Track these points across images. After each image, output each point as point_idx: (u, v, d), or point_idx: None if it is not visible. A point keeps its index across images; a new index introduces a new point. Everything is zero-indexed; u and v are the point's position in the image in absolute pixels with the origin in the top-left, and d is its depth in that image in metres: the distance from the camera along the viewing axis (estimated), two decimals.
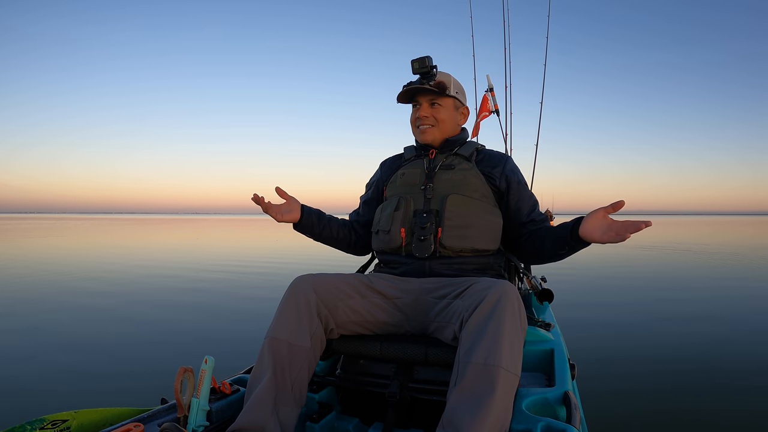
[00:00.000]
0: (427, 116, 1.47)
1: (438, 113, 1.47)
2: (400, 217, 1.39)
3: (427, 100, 1.48)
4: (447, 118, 1.49)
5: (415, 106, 1.51)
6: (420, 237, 1.34)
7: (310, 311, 1.18)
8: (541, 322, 1.59)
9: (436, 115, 1.47)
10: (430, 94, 1.46)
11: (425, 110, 1.48)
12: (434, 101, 1.47)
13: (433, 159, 1.49)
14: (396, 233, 1.38)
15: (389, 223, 1.40)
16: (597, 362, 2.76)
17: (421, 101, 1.48)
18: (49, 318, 4.05)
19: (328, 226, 1.54)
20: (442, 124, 1.49)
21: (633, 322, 3.81)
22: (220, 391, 1.18)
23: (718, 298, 4.99)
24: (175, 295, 5.24)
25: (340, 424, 1.29)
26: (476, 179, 1.42)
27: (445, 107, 1.48)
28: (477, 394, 0.93)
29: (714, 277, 6.66)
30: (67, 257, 9.92)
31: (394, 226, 1.39)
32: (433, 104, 1.48)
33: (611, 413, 2.07)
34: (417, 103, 1.50)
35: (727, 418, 2.02)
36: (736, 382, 2.44)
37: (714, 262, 8.80)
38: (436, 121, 1.48)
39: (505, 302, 1.02)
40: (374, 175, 1.64)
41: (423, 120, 1.48)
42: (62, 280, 6.34)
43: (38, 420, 0.99)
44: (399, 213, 1.40)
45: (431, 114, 1.47)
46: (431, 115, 1.47)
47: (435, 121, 1.48)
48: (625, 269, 7.58)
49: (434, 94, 1.46)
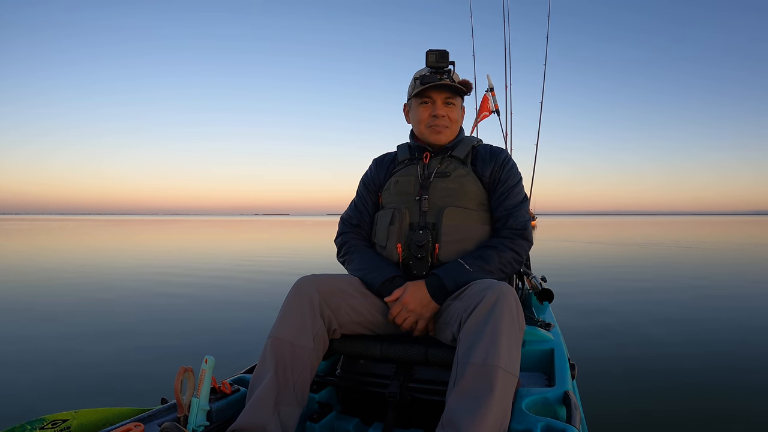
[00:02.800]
0: (444, 115, 1.37)
1: (452, 113, 1.39)
2: (395, 232, 1.34)
3: (442, 98, 1.38)
4: (458, 118, 1.42)
5: (425, 103, 1.39)
6: (417, 255, 1.31)
7: (313, 312, 1.17)
8: (541, 322, 1.59)
9: (450, 114, 1.38)
10: (449, 91, 1.37)
11: (442, 109, 1.37)
12: (449, 100, 1.38)
13: (428, 164, 1.40)
14: (392, 249, 1.34)
15: (385, 238, 1.36)
16: (597, 362, 2.76)
17: (435, 98, 1.38)
18: (49, 318, 4.05)
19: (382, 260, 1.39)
20: (455, 125, 1.41)
21: (633, 322, 3.81)
22: (220, 391, 1.18)
23: (719, 297, 4.99)
24: (175, 294, 5.24)
25: (340, 424, 1.29)
26: (472, 186, 1.36)
27: (458, 107, 1.41)
28: (476, 394, 0.93)
29: (714, 276, 6.67)
30: (63, 258, 9.92)
31: (390, 241, 1.35)
32: (447, 103, 1.38)
33: (611, 413, 2.07)
34: (429, 100, 1.39)
35: (728, 418, 2.02)
36: (737, 381, 2.44)
37: (714, 261, 8.80)
38: (450, 122, 1.39)
39: (503, 303, 1.02)
40: (368, 172, 1.54)
41: (440, 120, 1.37)
42: (61, 280, 6.34)
43: (38, 420, 0.99)
44: (394, 227, 1.35)
45: (447, 113, 1.38)
46: (446, 114, 1.38)
47: (449, 121, 1.39)
48: (625, 269, 7.58)
49: (454, 93, 1.38)
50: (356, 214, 1.49)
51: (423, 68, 1.40)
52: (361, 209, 1.49)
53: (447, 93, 1.37)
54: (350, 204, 1.54)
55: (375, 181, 1.51)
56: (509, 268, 1.29)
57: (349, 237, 1.46)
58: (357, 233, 1.47)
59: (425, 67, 1.39)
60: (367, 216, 1.49)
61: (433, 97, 1.38)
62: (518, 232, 1.31)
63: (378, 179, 1.50)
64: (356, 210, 1.50)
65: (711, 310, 4.28)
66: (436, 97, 1.37)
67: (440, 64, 1.34)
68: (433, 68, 1.36)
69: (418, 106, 1.41)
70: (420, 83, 1.37)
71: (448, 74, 1.35)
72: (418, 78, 1.40)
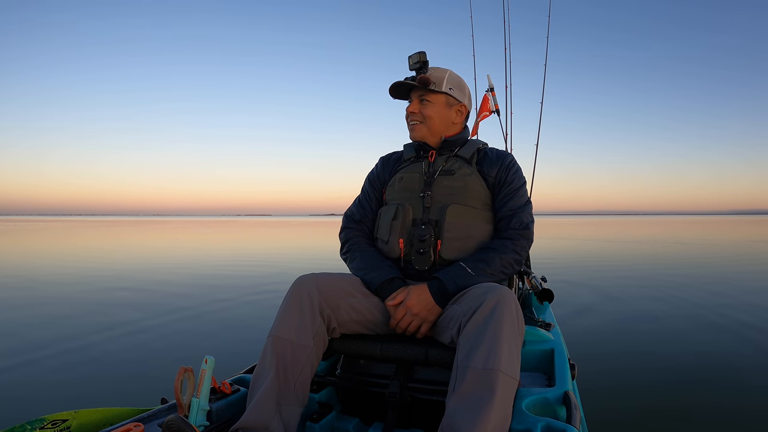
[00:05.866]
0: (414, 112, 1.43)
1: (426, 109, 1.43)
2: (398, 227, 1.36)
3: (417, 96, 1.44)
4: (435, 114, 1.43)
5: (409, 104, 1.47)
6: (419, 250, 1.32)
7: (313, 310, 1.18)
8: (541, 322, 1.59)
9: (423, 111, 1.43)
10: (417, 89, 1.43)
11: (413, 106, 1.44)
12: (423, 97, 1.43)
13: (433, 162, 1.43)
14: (394, 244, 1.36)
15: (388, 233, 1.38)
16: (597, 362, 2.76)
17: (413, 97, 1.45)
18: (49, 318, 4.05)
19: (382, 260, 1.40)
20: (430, 121, 1.43)
21: (633, 322, 3.81)
22: (220, 391, 1.18)
23: (719, 296, 4.99)
24: (175, 294, 5.23)
25: (340, 424, 1.29)
26: (477, 185, 1.38)
27: (435, 104, 1.43)
28: (477, 398, 0.93)
29: (714, 275, 6.66)
30: (63, 258, 9.92)
31: (393, 236, 1.36)
32: (422, 100, 1.43)
33: (611, 413, 2.06)
34: (410, 100, 1.46)
35: (728, 417, 2.02)
36: (738, 380, 2.43)
37: (714, 260, 8.80)
38: (424, 118, 1.43)
39: (503, 306, 1.02)
40: (374, 169, 1.58)
41: (411, 116, 1.44)
42: (60, 281, 6.34)
43: (38, 420, 1.00)
44: (397, 222, 1.36)
45: (419, 110, 1.43)
46: (419, 111, 1.43)
47: (423, 117, 1.43)
48: (626, 269, 7.58)
49: (420, 90, 1.42)
50: (359, 210, 1.51)
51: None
52: (365, 205, 1.52)
53: (419, 91, 1.43)
54: (354, 200, 1.57)
55: (380, 178, 1.54)
56: (510, 270, 1.29)
57: (351, 233, 1.47)
58: (359, 229, 1.49)
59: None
60: (371, 212, 1.51)
61: (411, 97, 1.46)
62: (520, 232, 1.32)
63: (383, 176, 1.53)
64: (360, 206, 1.52)
65: (712, 310, 4.27)
66: (413, 95, 1.45)
67: (416, 65, 1.41)
68: (413, 70, 1.43)
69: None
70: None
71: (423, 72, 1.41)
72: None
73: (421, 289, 1.22)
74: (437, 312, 1.21)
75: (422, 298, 1.20)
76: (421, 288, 1.22)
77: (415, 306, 1.19)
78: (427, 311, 1.20)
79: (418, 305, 1.19)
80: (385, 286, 1.26)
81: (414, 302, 1.20)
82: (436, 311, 1.21)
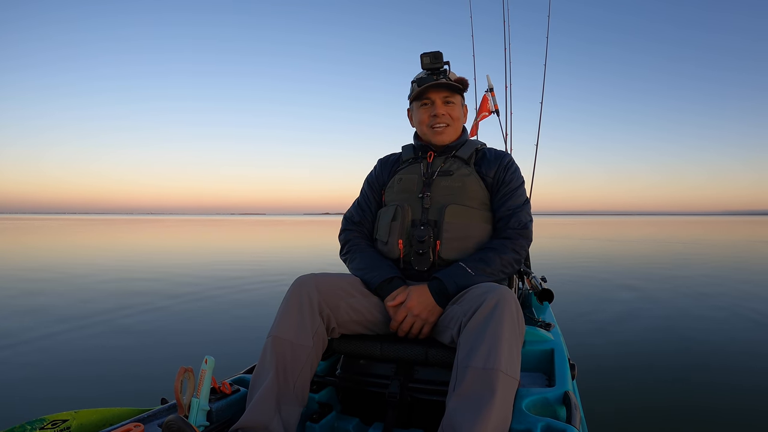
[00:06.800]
0: (444, 114, 1.40)
1: (452, 111, 1.41)
2: (397, 228, 1.36)
3: (441, 97, 1.40)
4: (459, 116, 1.43)
5: (426, 105, 1.42)
6: (419, 251, 1.32)
7: (312, 310, 1.18)
8: (541, 322, 1.59)
9: (450, 113, 1.40)
10: (447, 90, 1.39)
11: (441, 108, 1.40)
12: (448, 99, 1.40)
13: (432, 163, 1.42)
14: (394, 245, 1.35)
15: (387, 234, 1.37)
16: (597, 362, 2.76)
17: (434, 99, 1.40)
18: (49, 318, 4.05)
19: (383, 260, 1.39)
20: (457, 123, 1.42)
21: (633, 322, 3.81)
22: (220, 391, 1.18)
23: (719, 295, 4.99)
24: (175, 294, 5.23)
25: (340, 424, 1.29)
26: (475, 185, 1.37)
27: (458, 105, 1.42)
28: (477, 398, 0.93)
29: (714, 275, 6.67)
30: (62, 258, 9.91)
31: (392, 237, 1.36)
32: (447, 102, 1.40)
33: (611, 413, 2.07)
34: (428, 101, 1.41)
35: (728, 417, 2.02)
36: (738, 380, 2.44)
37: (713, 260, 8.80)
38: (452, 120, 1.41)
39: (503, 306, 1.02)
40: (372, 171, 1.57)
41: (440, 119, 1.40)
42: (60, 281, 6.33)
43: (38, 420, 1.00)
44: (396, 224, 1.36)
45: (447, 112, 1.40)
46: (447, 113, 1.40)
47: (450, 120, 1.41)
48: (626, 268, 7.58)
49: (451, 91, 1.40)
50: (359, 212, 1.51)
51: (420, 71, 1.43)
52: (364, 207, 1.51)
53: (445, 92, 1.40)
54: (354, 202, 1.56)
55: (378, 180, 1.53)
56: (510, 269, 1.29)
57: (351, 235, 1.47)
58: (359, 231, 1.49)
59: (422, 71, 1.42)
60: (370, 214, 1.50)
61: (432, 98, 1.41)
62: (519, 231, 1.33)
63: (381, 178, 1.53)
64: (359, 208, 1.52)
65: (712, 310, 4.28)
66: (435, 97, 1.40)
67: (435, 65, 1.37)
68: (429, 70, 1.39)
69: (419, 108, 1.44)
70: (417, 86, 1.41)
71: (444, 74, 1.38)
72: (415, 81, 1.44)
73: (422, 289, 1.22)
74: (438, 312, 1.21)
75: (423, 298, 1.20)
76: (422, 289, 1.22)
77: (415, 307, 1.19)
78: (428, 312, 1.20)
79: (418, 306, 1.19)
80: (385, 285, 1.26)
81: (414, 303, 1.20)
82: (437, 312, 1.20)
